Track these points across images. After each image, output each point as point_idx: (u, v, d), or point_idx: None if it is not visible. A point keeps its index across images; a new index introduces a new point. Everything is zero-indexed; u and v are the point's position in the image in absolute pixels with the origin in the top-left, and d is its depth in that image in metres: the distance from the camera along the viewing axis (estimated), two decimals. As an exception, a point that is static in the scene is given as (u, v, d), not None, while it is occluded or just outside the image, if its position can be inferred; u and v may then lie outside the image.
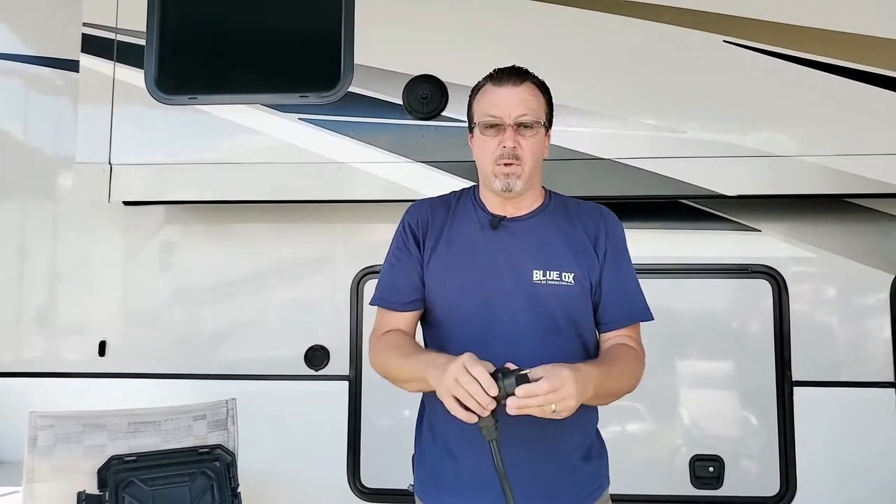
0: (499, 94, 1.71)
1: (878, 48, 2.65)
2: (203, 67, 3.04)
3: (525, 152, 1.70)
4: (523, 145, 1.70)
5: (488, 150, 1.72)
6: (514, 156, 1.69)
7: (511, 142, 1.68)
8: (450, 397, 1.43)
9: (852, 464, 2.83)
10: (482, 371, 1.41)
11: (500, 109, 1.70)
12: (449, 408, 1.43)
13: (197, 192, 2.95)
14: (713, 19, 2.74)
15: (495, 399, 1.40)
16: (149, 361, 3.19)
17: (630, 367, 1.70)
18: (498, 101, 1.71)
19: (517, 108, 1.70)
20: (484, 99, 1.74)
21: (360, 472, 3.04)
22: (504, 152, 1.69)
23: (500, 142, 1.69)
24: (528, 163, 1.71)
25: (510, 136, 1.69)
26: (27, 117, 3.48)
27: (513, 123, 1.69)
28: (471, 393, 1.39)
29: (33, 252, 3.38)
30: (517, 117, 1.69)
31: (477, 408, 1.40)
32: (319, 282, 3.18)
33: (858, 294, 2.95)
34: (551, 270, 1.71)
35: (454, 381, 1.42)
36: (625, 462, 2.63)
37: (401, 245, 1.80)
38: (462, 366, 1.42)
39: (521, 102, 1.70)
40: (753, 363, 2.92)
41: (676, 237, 3.00)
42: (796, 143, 2.69)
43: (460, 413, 1.42)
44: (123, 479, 2.28)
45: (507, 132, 1.69)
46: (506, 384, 1.40)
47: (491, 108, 1.71)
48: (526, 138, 1.70)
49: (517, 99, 1.70)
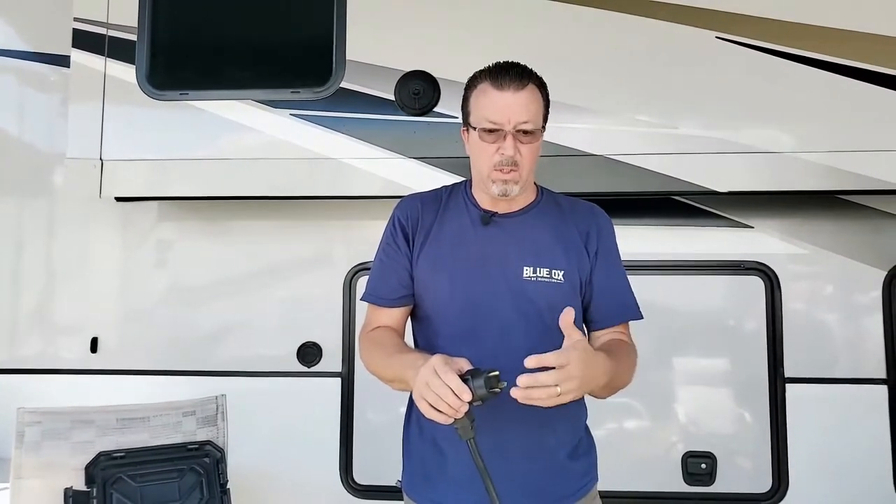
0: (500, 99, 1.65)
1: (872, 45, 2.65)
2: (194, 63, 3.02)
3: (524, 159, 1.67)
4: (522, 152, 1.66)
5: (486, 155, 1.68)
6: (514, 162, 1.66)
7: (511, 150, 1.64)
8: (421, 401, 1.42)
9: (844, 460, 2.83)
10: (452, 376, 1.39)
11: (501, 116, 1.64)
12: (422, 410, 1.43)
13: (188, 189, 2.94)
14: (706, 15, 2.73)
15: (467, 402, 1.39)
16: (141, 358, 3.18)
17: (630, 361, 1.70)
18: (499, 107, 1.65)
19: (518, 114, 1.64)
20: (483, 101, 1.68)
21: (353, 469, 3.03)
22: (504, 160, 1.65)
23: (500, 148, 1.65)
24: (526, 168, 1.68)
25: (510, 145, 1.64)
26: (20, 113, 3.47)
27: (513, 130, 1.65)
28: (441, 396, 1.39)
29: (26, 249, 3.37)
30: (518, 124, 1.64)
31: (448, 410, 1.39)
32: (312, 278, 3.17)
33: (851, 291, 2.94)
34: (541, 267, 1.70)
35: (424, 385, 1.41)
36: (617, 459, 2.64)
37: (390, 241, 1.79)
38: (432, 369, 1.41)
39: (523, 109, 1.65)
40: (746, 360, 2.91)
41: (669, 234, 2.99)
42: (789, 140, 2.69)
43: (434, 415, 1.41)
44: (111, 476, 2.28)
45: (507, 139, 1.64)
46: (475, 386, 1.39)
47: (491, 113, 1.65)
48: (525, 144, 1.66)
49: (519, 105, 1.64)
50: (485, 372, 1.41)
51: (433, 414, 1.41)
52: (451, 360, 1.44)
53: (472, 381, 1.40)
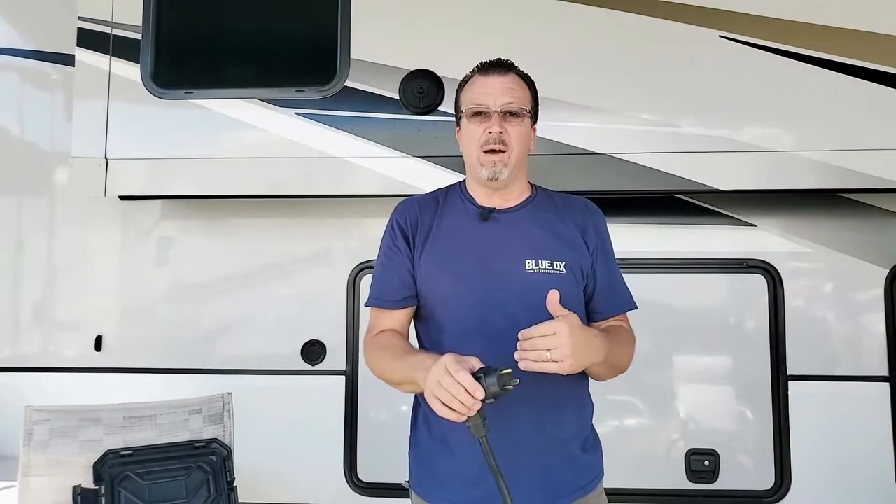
0: (486, 83, 1.74)
1: (874, 43, 2.66)
2: (199, 62, 3.03)
3: (512, 138, 1.72)
4: (510, 132, 1.71)
5: (474, 137, 1.73)
6: (501, 141, 1.71)
7: (497, 127, 1.70)
8: (434, 400, 1.43)
9: (847, 457, 2.84)
10: (464, 374, 1.40)
11: (487, 98, 1.72)
12: (435, 410, 1.44)
13: (193, 187, 2.95)
14: (709, 14, 2.74)
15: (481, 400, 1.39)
16: (145, 356, 3.19)
17: (628, 345, 1.76)
18: (485, 90, 1.73)
19: (503, 95, 1.72)
20: (471, 89, 1.77)
21: (357, 467, 3.04)
22: (490, 137, 1.71)
23: (487, 128, 1.71)
24: (515, 150, 1.73)
25: (496, 122, 1.71)
26: (23, 112, 3.47)
27: (499, 110, 1.71)
28: (454, 395, 1.40)
29: (30, 247, 3.38)
30: (504, 104, 1.71)
31: (462, 409, 1.40)
32: (316, 277, 3.18)
33: (853, 289, 2.96)
34: (543, 259, 1.71)
35: (437, 384, 1.42)
36: (621, 456, 2.65)
37: (390, 244, 1.80)
38: (444, 368, 1.42)
39: (508, 91, 1.73)
40: (749, 358, 2.92)
41: (671, 232, 3.00)
42: (791, 138, 2.70)
43: (447, 414, 1.42)
44: (119, 474, 2.28)
45: (493, 118, 1.71)
46: (488, 384, 1.39)
47: (477, 96, 1.74)
48: (512, 125, 1.72)
49: (503, 87, 1.73)
50: (497, 370, 1.41)
51: (446, 413, 1.42)
52: (462, 359, 1.44)
53: (485, 378, 1.40)
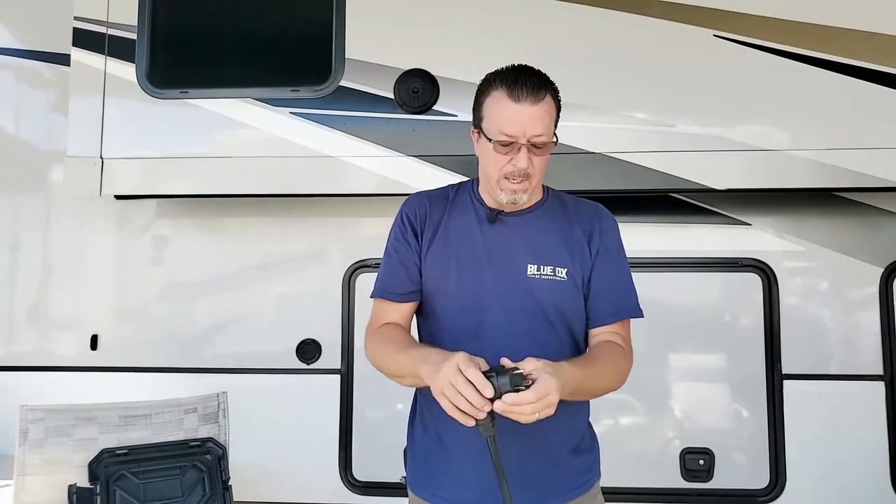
0: (516, 112, 1.63)
1: (869, 42, 2.66)
2: (194, 61, 3.03)
3: (535, 170, 1.68)
4: (534, 163, 1.67)
5: (498, 164, 1.68)
6: (525, 174, 1.67)
7: (524, 162, 1.64)
8: (444, 398, 1.43)
9: (841, 456, 2.85)
10: (476, 373, 1.40)
11: (517, 129, 1.64)
12: (444, 408, 1.43)
13: (189, 186, 2.95)
14: (704, 14, 2.75)
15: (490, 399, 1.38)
16: (141, 355, 3.19)
17: (615, 367, 1.69)
18: (514, 120, 1.64)
19: (533, 127, 1.64)
20: (499, 111, 1.66)
21: (352, 466, 3.05)
22: (516, 171, 1.66)
23: (512, 160, 1.65)
24: (536, 178, 1.70)
25: (524, 157, 1.64)
26: (19, 111, 3.47)
27: (527, 143, 1.64)
28: (465, 396, 1.39)
29: (25, 246, 3.38)
30: (532, 137, 1.64)
31: (472, 410, 1.39)
32: (311, 276, 3.18)
33: (848, 287, 2.96)
34: (545, 265, 1.71)
35: (448, 383, 1.42)
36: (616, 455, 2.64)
37: (399, 237, 1.80)
38: (455, 367, 1.42)
39: (538, 122, 1.64)
40: (743, 356, 2.93)
41: (666, 231, 3.00)
42: (786, 137, 2.70)
43: (456, 414, 1.42)
44: (114, 472, 2.28)
45: (521, 152, 1.64)
46: (500, 383, 1.38)
47: (506, 125, 1.64)
48: (537, 156, 1.67)
49: (535, 119, 1.64)
50: (509, 370, 1.41)
51: (455, 413, 1.42)
52: (474, 359, 1.44)
53: (497, 378, 1.39)
